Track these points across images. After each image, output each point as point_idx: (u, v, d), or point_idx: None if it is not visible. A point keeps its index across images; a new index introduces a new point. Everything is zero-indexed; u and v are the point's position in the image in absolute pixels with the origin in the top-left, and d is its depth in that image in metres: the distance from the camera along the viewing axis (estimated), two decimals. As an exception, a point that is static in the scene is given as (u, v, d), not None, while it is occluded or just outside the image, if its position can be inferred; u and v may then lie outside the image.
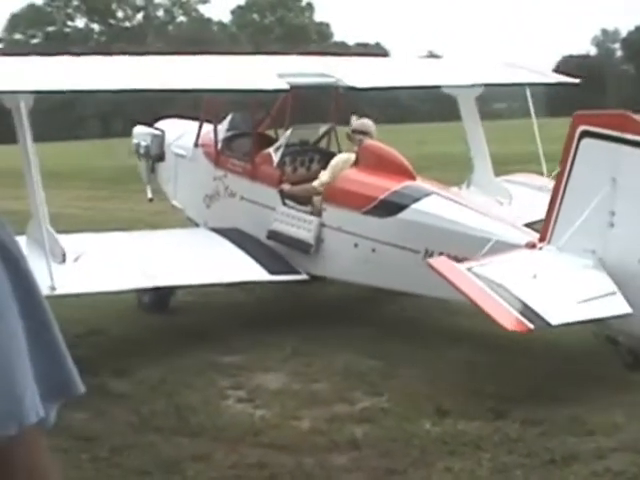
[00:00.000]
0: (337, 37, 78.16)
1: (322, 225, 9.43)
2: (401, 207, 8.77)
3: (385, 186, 9.04)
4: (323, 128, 10.70)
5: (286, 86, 9.18)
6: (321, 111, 11.56)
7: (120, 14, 76.99)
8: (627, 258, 7.08)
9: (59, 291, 7.75)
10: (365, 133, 9.84)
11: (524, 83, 11.57)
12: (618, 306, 6.89)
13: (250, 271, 9.23)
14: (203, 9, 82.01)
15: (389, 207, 8.87)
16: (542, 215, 8.03)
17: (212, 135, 10.82)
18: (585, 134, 7.43)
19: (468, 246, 7.77)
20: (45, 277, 7.57)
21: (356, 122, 10.04)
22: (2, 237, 1.38)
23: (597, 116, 7.65)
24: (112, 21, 76.67)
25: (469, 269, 7.05)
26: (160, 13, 78.42)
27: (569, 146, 7.52)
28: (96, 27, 77.20)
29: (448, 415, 6.37)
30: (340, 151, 10.39)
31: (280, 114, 10.71)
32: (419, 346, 8.18)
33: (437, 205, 8.66)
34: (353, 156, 9.64)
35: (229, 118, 11.11)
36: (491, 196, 10.41)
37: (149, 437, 6.13)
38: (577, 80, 12.70)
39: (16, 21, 74.60)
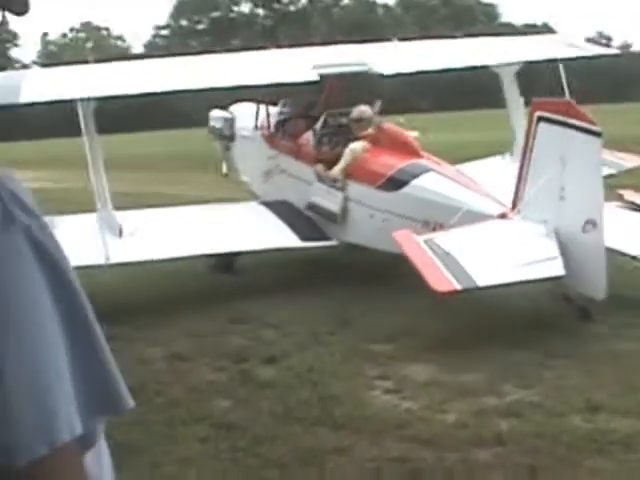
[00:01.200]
0: (505, 18, 76.60)
1: (346, 199, 10.71)
2: (404, 182, 9.98)
3: (393, 164, 10.26)
4: (354, 114, 11.23)
5: (316, 77, 10.36)
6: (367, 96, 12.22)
7: (285, -1, 77.91)
8: (573, 227, 8.09)
9: (113, 260, 9.25)
10: (361, 120, 11.00)
11: (559, 58, 12.10)
12: (554, 269, 7.98)
13: (284, 238, 10.54)
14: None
15: (395, 182, 10.09)
16: None
17: (267, 119, 12.49)
18: (540, 119, 8.55)
19: (450, 217, 8.94)
20: (101, 249, 9.16)
21: (354, 111, 11.16)
22: (40, 238, 1.29)
23: (549, 103, 8.73)
24: (277, 5, 77.55)
25: (428, 240, 8.27)
26: (326, -4, 78.89)
27: (530, 129, 8.71)
28: (261, 12, 78.24)
29: (599, 411, 6.03)
30: None
31: (328, 99, 12.03)
32: (573, 336, 7.85)
33: (433, 181, 9.82)
34: (364, 144, 10.76)
35: (281, 103, 12.62)
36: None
37: (290, 428, 6.04)
38: (617, 51, 13.70)
39: (182, 7, 76.46)
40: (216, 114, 14.10)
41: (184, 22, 77.15)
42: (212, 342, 8.26)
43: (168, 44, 77.68)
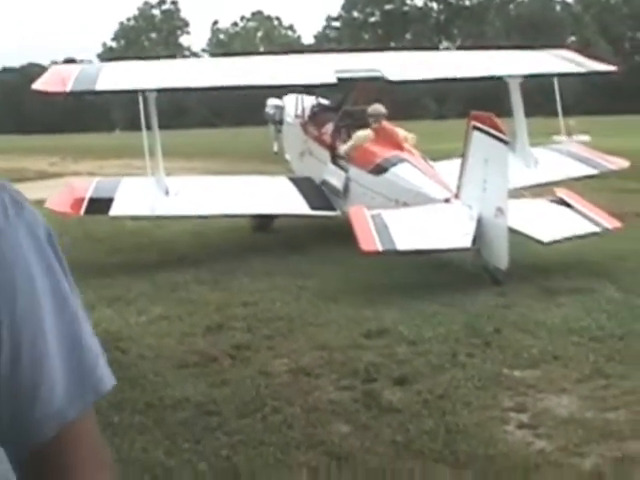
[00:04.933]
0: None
1: (348, 179, 13.36)
2: (385, 169, 12.59)
3: (381, 154, 12.86)
4: (370, 109, 13.66)
5: (334, 80, 12.95)
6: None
7: (460, -8, 76.73)
8: (489, 212, 10.36)
9: (157, 213, 12.59)
10: (377, 115, 13.52)
11: (554, 74, 14.86)
12: (462, 242, 10.36)
13: (297, 206, 13.22)
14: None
15: (380, 169, 12.68)
16: (559, 176, 13.95)
17: (302, 110, 15.50)
18: (474, 128, 10.76)
19: (412, 198, 11.54)
20: (149, 203, 12.31)
21: (370, 108, 13.61)
22: (29, 219, 1.35)
23: (479, 115, 10.80)
24: (452, 0, 76.53)
25: (375, 214, 10.59)
26: (502, -9, 77.21)
27: (467, 136, 10.93)
28: (435, 6, 77.39)
29: None
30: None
31: (356, 97, 14.88)
32: None
33: (404, 170, 12.31)
34: (370, 132, 13.34)
35: (314, 98, 15.61)
36: (522, 160, 13.99)
37: (408, 463, 5.57)
38: (614, 67, 15.91)
39: (354, -1, 76.58)
40: (271, 102, 17.05)
41: (356, 14, 77.09)
42: (342, 357, 7.83)
43: (339, 36, 77.94)
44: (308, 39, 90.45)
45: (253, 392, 6.88)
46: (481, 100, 16.13)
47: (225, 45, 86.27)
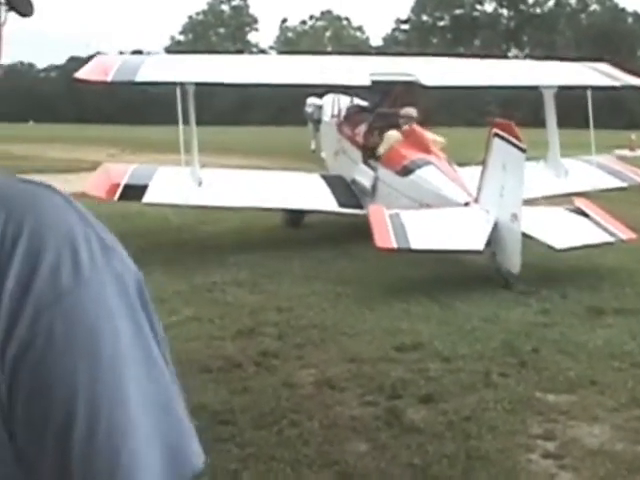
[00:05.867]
0: None
1: (376, 178, 13.68)
2: (411, 171, 12.89)
3: (408, 156, 13.18)
4: (402, 112, 14.22)
5: (368, 82, 13.21)
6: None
7: (531, 0, 75.75)
8: (505, 217, 10.68)
9: (189, 202, 12.98)
10: (409, 118, 14.00)
11: (587, 86, 14.92)
12: (474, 245, 10.66)
13: (325, 203, 13.50)
14: (619, -1, 78.57)
15: (406, 170, 12.99)
16: (587, 187, 14.27)
17: (338, 110, 16.08)
18: (495, 135, 11.05)
19: (434, 200, 11.87)
20: (183, 193, 12.67)
21: (402, 111, 14.12)
22: (118, 269, 1.10)
23: (501, 123, 11.14)
24: (522, 7, 75.58)
25: (393, 214, 10.94)
26: (573, 0, 76.11)
27: (488, 143, 11.22)
28: (505, 12, 76.52)
29: None
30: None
31: (392, 101, 14.87)
32: None
33: (429, 173, 12.63)
34: (399, 135, 13.76)
35: (350, 99, 16.17)
36: (554, 170, 14.52)
37: (422, 490, 5.33)
38: None
39: (425, 2, 75.86)
40: (311, 101, 17.43)
41: (425, 17, 76.58)
42: (370, 371, 7.59)
43: (408, 39, 77.47)
44: (376, 41, 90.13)
45: (273, 403, 6.68)
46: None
47: (293, 43, 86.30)
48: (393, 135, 13.80)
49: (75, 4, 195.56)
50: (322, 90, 16.79)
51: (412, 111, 14.04)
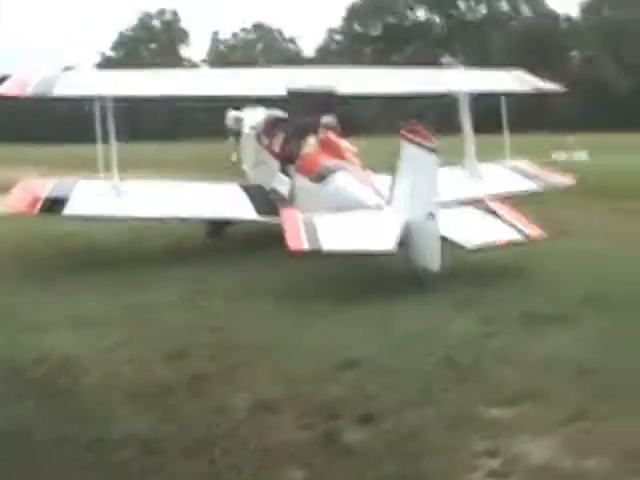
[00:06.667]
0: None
1: (293, 186, 14.06)
2: (325, 177, 13.15)
3: (322, 163, 13.43)
4: (321, 121, 14.28)
5: (284, 92, 14.11)
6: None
7: (462, 6, 76.11)
8: (419, 216, 10.93)
9: (109, 213, 13.26)
10: (326, 126, 14.16)
11: (500, 92, 15.73)
12: (385, 246, 10.81)
13: (244, 211, 13.85)
14: (551, 3, 79.32)
15: (320, 176, 13.25)
16: (501, 190, 14.79)
17: (257, 122, 16.30)
18: (404, 138, 11.36)
19: (347, 204, 12.03)
20: (102, 205, 13.12)
21: (322, 119, 14.21)
22: None
23: (408, 127, 11.40)
24: (454, 13, 76.02)
25: (306, 217, 11.22)
26: (504, 6, 76.65)
27: (400, 146, 11.48)
28: (437, 19, 76.88)
29: None
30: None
31: (310, 110, 14.62)
32: None
33: (342, 178, 12.88)
34: (315, 142, 13.96)
35: (268, 110, 16.45)
36: (470, 174, 15.19)
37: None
38: (558, 88, 16.86)
39: (356, 11, 75.90)
40: (231, 114, 17.72)
41: (357, 27, 76.61)
42: (308, 391, 7.30)
43: (340, 49, 77.52)
44: (310, 52, 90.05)
45: (204, 430, 6.37)
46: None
47: (225, 56, 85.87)
48: (310, 143, 14.08)
49: (5, 21, 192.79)
50: (241, 103, 17.44)
51: (330, 119, 14.33)
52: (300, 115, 15.12)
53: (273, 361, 8.14)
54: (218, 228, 14.99)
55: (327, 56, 74.60)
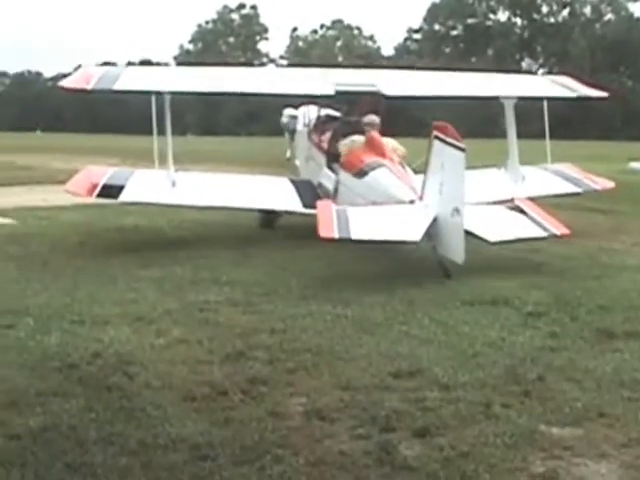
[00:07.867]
0: None
1: (337, 181, 14.79)
2: (366, 173, 13.93)
3: (365, 160, 14.19)
4: (366, 119, 15.24)
5: (332, 92, 14.44)
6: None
7: (545, 9, 75.01)
8: (446, 211, 11.56)
9: (163, 201, 14.45)
10: (371, 125, 15.00)
11: (545, 97, 16.28)
12: (411, 236, 11.63)
13: (291, 204, 14.64)
14: (633, 8, 77.88)
15: (362, 172, 14.03)
16: (542, 192, 15.43)
17: (309, 119, 17.25)
18: (435, 137, 11.85)
19: (383, 199, 12.91)
20: (157, 193, 14.14)
21: (365, 118, 15.13)
22: None
23: (439, 126, 11.80)
24: (536, 16, 74.95)
25: (340, 208, 12.19)
26: (587, 10, 75.40)
27: (430, 144, 12.02)
28: (519, 22, 75.90)
29: None
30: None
31: (358, 111, 15.98)
32: None
33: (381, 174, 13.69)
34: (361, 139, 14.84)
35: (318, 109, 17.10)
36: (512, 176, 15.81)
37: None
38: (605, 94, 16.87)
39: (436, 11, 75.23)
40: (287, 112, 18.50)
41: (438, 27, 76.00)
42: (364, 400, 7.12)
43: (420, 48, 76.98)
44: (388, 50, 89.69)
45: (257, 436, 6.23)
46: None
47: (303, 52, 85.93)
48: (356, 140, 14.89)
49: (88, 15, 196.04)
50: (300, 101, 18.03)
51: (374, 118, 15.12)
52: (347, 114, 16.36)
53: (331, 366, 7.97)
54: (270, 220, 16.00)
55: (406, 55, 74.20)
